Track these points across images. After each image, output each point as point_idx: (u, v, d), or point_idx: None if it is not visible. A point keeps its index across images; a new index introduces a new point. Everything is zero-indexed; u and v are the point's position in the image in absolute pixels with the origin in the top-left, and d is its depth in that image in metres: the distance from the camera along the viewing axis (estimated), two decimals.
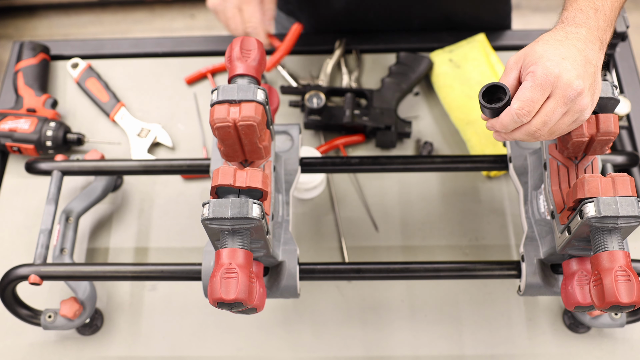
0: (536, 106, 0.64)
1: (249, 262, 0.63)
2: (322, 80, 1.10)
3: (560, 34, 0.67)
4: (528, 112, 0.63)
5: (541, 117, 0.64)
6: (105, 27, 2.37)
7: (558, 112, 0.64)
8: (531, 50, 0.66)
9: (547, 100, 0.64)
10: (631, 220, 0.62)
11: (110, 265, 0.83)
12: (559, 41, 0.66)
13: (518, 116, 0.64)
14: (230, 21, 0.99)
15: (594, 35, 0.68)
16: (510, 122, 0.65)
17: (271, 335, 0.92)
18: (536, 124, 0.65)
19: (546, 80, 0.63)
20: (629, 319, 0.86)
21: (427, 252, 0.97)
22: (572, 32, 0.67)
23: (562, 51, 0.65)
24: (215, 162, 0.83)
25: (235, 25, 0.99)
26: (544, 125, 0.65)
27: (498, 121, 0.66)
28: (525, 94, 0.63)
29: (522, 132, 0.66)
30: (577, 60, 0.64)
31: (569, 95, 0.63)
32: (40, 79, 1.09)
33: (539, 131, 0.65)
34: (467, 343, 0.91)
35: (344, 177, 1.04)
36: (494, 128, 0.68)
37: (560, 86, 0.63)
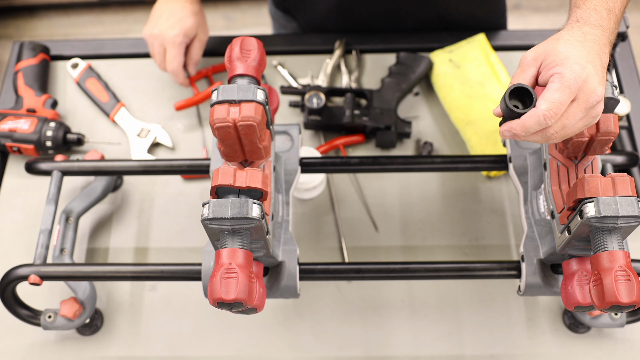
0: (563, 109, 0.61)
1: (249, 262, 0.63)
2: (322, 80, 1.10)
3: (579, 34, 0.65)
4: (555, 114, 0.61)
5: (562, 121, 0.62)
6: (105, 27, 2.38)
7: (577, 116, 0.63)
8: (553, 49, 0.64)
9: (570, 104, 0.62)
10: (631, 220, 0.62)
11: (110, 266, 0.83)
12: (579, 42, 0.64)
13: (545, 118, 0.61)
14: (155, 57, 1.05)
15: (606, 37, 0.67)
16: (534, 124, 0.62)
17: (271, 335, 0.92)
18: (556, 127, 0.62)
19: (575, 83, 0.61)
20: (629, 319, 0.86)
21: (427, 252, 0.97)
22: (590, 34, 0.65)
23: (584, 54, 0.63)
24: (215, 162, 0.83)
25: (159, 62, 1.05)
26: (562, 128, 0.63)
27: (519, 123, 0.63)
28: (554, 95, 0.61)
29: (540, 135, 0.64)
30: (597, 65, 0.63)
31: (591, 102, 0.62)
32: (40, 79, 1.09)
33: (555, 134, 0.63)
34: (467, 343, 0.91)
35: (344, 177, 1.04)
36: (513, 130, 0.64)
37: (585, 91, 0.62)
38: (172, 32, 1.02)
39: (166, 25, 1.03)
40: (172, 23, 1.03)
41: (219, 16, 2.37)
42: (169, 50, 1.03)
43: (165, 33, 1.02)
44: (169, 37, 1.02)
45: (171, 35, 1.02)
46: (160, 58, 1.05)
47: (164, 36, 1.02)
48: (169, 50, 1.03)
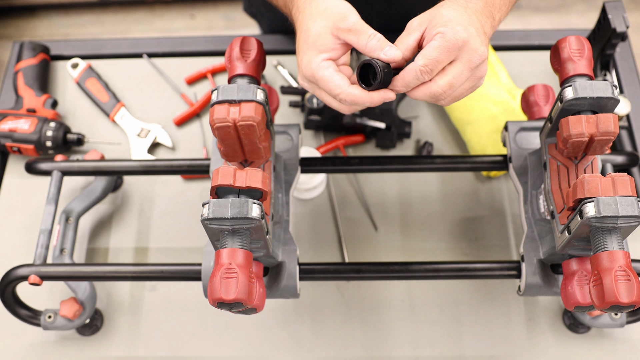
0: (439, 67, 0.64)
1: (249, 262, 0.63)
2: None
3: (461, 2, 0.68)
4: (430, 70, 0.64)
5: (448, 79, 0.65)
6: (105, 27, 2.37)
7: (463, 75, 0.65)
8: (437, 13, 0.66)
9: (453, 63, 0.65)
10: (631, 220, 0.62)
11: (110, 266, 0.83)
12: (462, 7, 0.67)
13: (421, 73, 0.64)
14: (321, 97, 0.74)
15: (489, 11, 0.70)
16: (412, 79, 0.65)
17: (271, 335, 0.92)
18: (442, 85, 0.65)
19: (454, 43, 0.64)
20: (629, 319, 0.86)
21: (427, 252, 0.97)
22: (472, 2, 0.68)
23: (466, 18, 0.66)
24: (215, 162, 0.83)
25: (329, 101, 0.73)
26: (450, 87, 0.65)
27: (400, 78, 0.66)
28: (432, 52, 0.64)
29: (425, 92, 0.66)
30: (479, 29, 0.66)
31: (474, 61, 0.65)
32: (40, 79, 1.09)
33: (443, 94, 0.66)
34: (467, 343, 0.91)
35: (344, 177, 1.04)
36: (395, 88, 0.67)
37: (467, 51, 0.64)
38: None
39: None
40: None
41: (219, 16, 2.37)
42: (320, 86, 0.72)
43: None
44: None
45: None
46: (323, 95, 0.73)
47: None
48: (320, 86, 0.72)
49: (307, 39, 0.68)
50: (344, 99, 0.67)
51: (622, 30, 0.98)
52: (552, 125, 0.75)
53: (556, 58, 0.75)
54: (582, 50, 0.73)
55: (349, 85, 0.67)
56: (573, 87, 0.69)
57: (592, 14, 2.32)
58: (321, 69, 0.67)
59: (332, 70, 0.67)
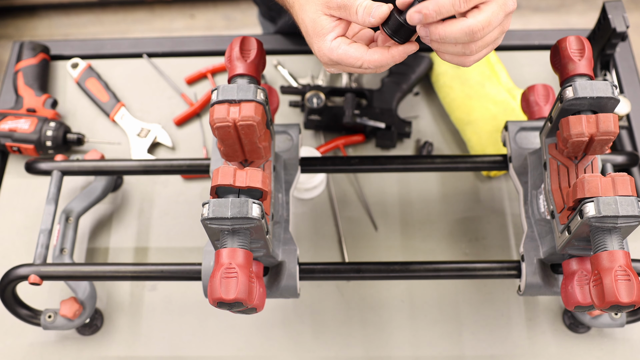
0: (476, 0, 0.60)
1: (249, 262, 0.63)
2: (322, 80, 1.10)
3: None
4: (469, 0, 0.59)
5: (486, 15, 0.60)
6: (105, 27, 2.37)
7: (499, 17, 0.61)
8: None
9: (489, 3, 0.61)
10: (631, 220, 0.62)
11: (110, 265, 0.83)
12: None
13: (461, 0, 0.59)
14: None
15: None
16: (448, 4, 0.59)
17: (271, 335, 0.92)
18: (481, 20, 0.60)
19: None
20: (629, 318, 0.86)
21: (427, 252, 0.97)
22: None
23: None
24: (215, 162, 0.83)
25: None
26: (487, 25, 0.60)
27: (432, 2, 0.59)
28: None
29: (462, 27, 0.61)
30: None
31: (509, 5, 0.62)
32: (40, 79, 1.09)
33: (480, 31, 0.60)
34: (467, 343, 0.91)
35: (344, 177, 1.04)
36: (424, 10, 0.60)
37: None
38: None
39: None
40: None
41: (219, 16, 2.37)
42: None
43: None
44: None
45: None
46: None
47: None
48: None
49: (307, 30, 0.67)
50: (367, 67, 0.66)
51: (622, 30, 0.98)
52: (552, 125, 0.75)
53: (556, 58, 0.75)
54: (582, 50, 0.73)
55: (366, 51, 0.65)
56: (573, 87, 0.69)
57: (592, 14, 2.32)
58: (334, 50, 0.66)
59: (344, 46, 0.66)
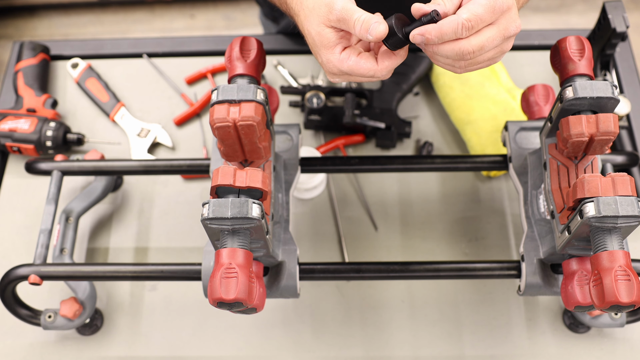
0: (481, 26, 0.61)
1: (249, 262, 0.63)
2: (322, 80, 1.10)
3: None
4: (471, 27, 0.61)
5: (481, 40, 0.62)
6: (105, 27, 2.38)
7: (495, 42, 0.62)
8: None
9: (490, 26, 0.62)
10: (631, 220, 0.62)
11: (110, 265, 0.83)
12: None
13: (462, 27, 0.60)
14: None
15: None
16: (450, 31, 0.61)
17: (271, 335, 0.92)
18: (474, 44, 0.62)
19: (501, 5, 0.61)
20: (629, 318, 0.86)
21: (427, 252, 0.97)
22: None
23: None
24: (215, 162, 0.83)
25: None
26: (480, 49, 0.62)
27: (436, 28, 0.61)
28: (478, 9, 0.60)
29: (454, 48, 0.62)
30: (517, 2, 0.64)
31: (510, 30, 0.63)
32: (40, 79, 1.09)
33: (471, 54, 0.62)
34: (467, 343, 0.91)
35: (344, 177, 1.04)
36: (427, 35, 0.62)
37: (507, 18, 0.62)
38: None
39: None
40: None
41: (219, 16, 2.37)
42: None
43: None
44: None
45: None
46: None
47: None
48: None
49: (313, 42, 0.67)
50: (381, 77, 0.67)
51: (622, 30, 0.98)
52: (552, 125, 0.75)
53: (556, 58, 0.75)
54: (582, 50, 0.73)
55: (375, 62, 0.66)
56: (573, 87, 0.69)
57: (592, 14, 2.32)
58: (344, 62, 0.66)
59: (354, 58, 0.66)
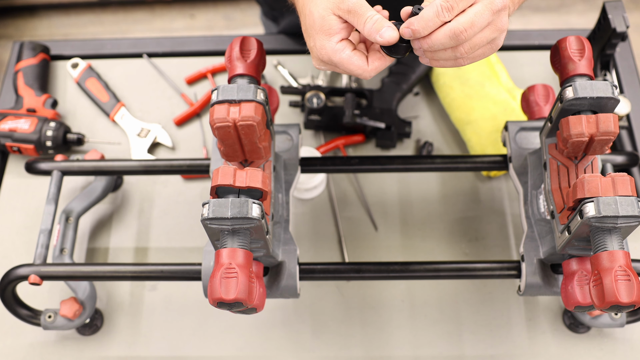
0: (462, 5, 0.62)
1: (249, 262, 0.63)
2: (322, 80, 1.10)
3: None
4: (451, 7, 0.61)
5: (468, 17, 0.62)
6: (105, 27, 2.38)
7: (485, 16, 0.63)
8: None
9: (474, 4, 0.62)
10: (631, 220, 0.62)
11: (110, 265, 0.83)
12: None
13: (442, 8, 0.61)
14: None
15: None
16: (432, 16, 0.61)
17: (271, 335, 0.92)
18: (463, 22, 0.62)
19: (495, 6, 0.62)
20: (629, 319, 0.86)
21: (427, 252, 0.97)
22: None
23: None
24: (215, 162, 0.83)
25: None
26: (471, 25, 0.62)
27: (418, 18, 0.62)
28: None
29: (445, 32, 0.62)
30: None
31: (496, 3, 0.63)
32: (40, 79, 1.09)
33: (465, 32, 0.62)
34: (467, 343, 0.91)
35: (344, 177, 1.04)
36: (411, 26, 0.62)
37: (500, 15, 0.63)
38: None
39: None
40: None
41: (219, 16, 2.37)
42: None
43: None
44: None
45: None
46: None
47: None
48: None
49: (313, 23, 0.66)
50: (367, 77, 0.66)
51: (622, 30, 0.98)
52: (552, 125, 0.75)
53: (556, 58, 0.75)
54: (582, 50, 0.73)
55: (367, 62, 0.65)
56: (573, 87, 0.69)
57: (592, 14, 2.32)
58: (337, 53, 0.65)
59: (348, 51, 0.65)
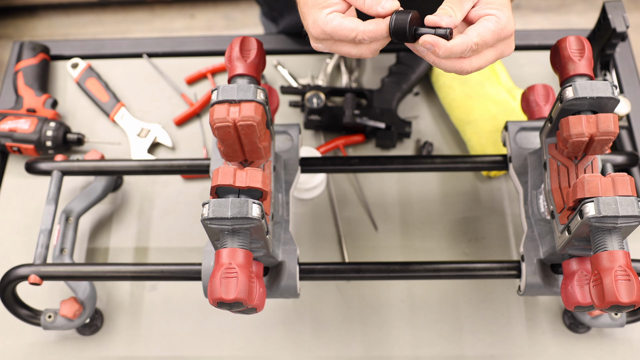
0: (485, 49, 0.64)
1: (249, 262, 0.63)
2: (322, 80, 1.10)
3: None
4: (477, 50, 0.63)
5: (479, 62, 0.65)
6: (105, 27, 2.38)
7: (491, 61, 0.66)
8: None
9: (489, 49, 0.65)
10: (631, 220, 0.62)
11: (110, 265, 0.83)
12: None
13: (471, 50, 0.63)
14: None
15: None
16: (459, 52, 0.63)
17: (271, 335, 0.92)
18: (474, 65, 0.65)
19: (505, 32, 0.64)
20: (629, 318, 0.86)
21: (427, 252, 0.97)
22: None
23: (510, 4, 0.66)
24: (215, 162, 0.83)
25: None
26: (477, 69, 0.65)
27: (446, 45, 0.63)
28: (487, 34, 0.63)
29: (455, 66, 0.65)
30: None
31: (505, 53, 0.66)
32: (40, 79, 1.09)
33: (467, 72, 0.65)
34: (467, 343, 0.91)
35: (344, 177, 1.04)
36: (436, 47, 0.63)
37: (506, 42, 0.65)
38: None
39: None
40: None
41: (219, 16, 2.37)
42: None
43: None
44: None
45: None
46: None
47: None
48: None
49: (307, 0, 0.66)
50: (362, 39, 0.65)
51: (622, 30, 0.98)
52: (552, 125, 0.75)
53: (556, 58, 0.75)
54: (582, 50, 0.73)
55: (361, 23, 0.65)
56: (573, 87, 0.69)
57: (592, 14, 2.32)
58: (328, 23, 0.65)
59: (339, 18, 0.65)
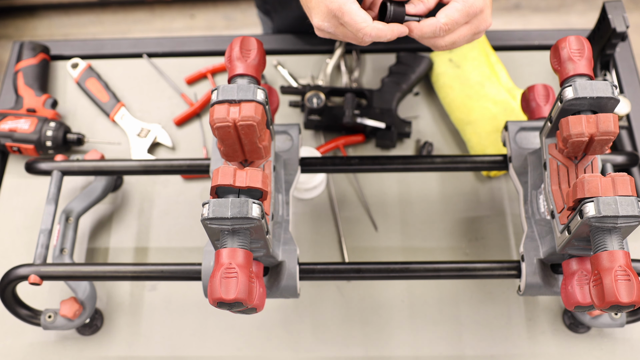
0: (456, 28, 0.70)
1: (249, 262, 0.63)
2: (322, 80, 1.10)
3: None
4: (448, 29, 0.69)
5: (453, 38, 0.71)
6: (105, 27, 2.38)
7: (467, 38, 0.72)
8: None
9: (463, 26, 0.71)
10: (631, 220, 0.62)
11: (110, 265, 0.83)
12: None
13: (440, 30, 0.69)
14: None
15: None
16: (430, 32, 0.70)
17: (271, 335, 0.92)
18: (447, 41, 0.71)
19: (474, 10, 0.69)
20: (629, 318, 0.86)
21: (427, 252, 0.97)
22: None
23: None
24: (215, 162, 0.83)
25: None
26: (452, 44, 0.71)
27: (418, 27, 0.70)
28: (454, 14, 0.69)
29: (429, 43, 0.72)
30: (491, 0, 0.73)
31: (480, 28, 0.71)
32: (40, 79, 1.09)
33: (444, 47, 0.72)
34: (467, 343, 0.91)
35: (344, 177, 1.04)
36: (411, 33, 0.71)
37: (480, 18, 0.71)
38: None
39: None
40: None
41: (219, 16, 2.37)
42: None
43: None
44: None
45: None
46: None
47: None
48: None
49: None
50: (369, 33, 0.70)
51: (622, 30, 0.98)
52: (552, 125, 0.75)
53: (556, 58, 0.75)
54: (582, 50, 0.73)
55: (372, 19, 0.70)
56: (573, 87, 0.69)
57: (592, 14, 2.32)
58: (348, 3, 0.69)
59: (357, 5, 0.70)
